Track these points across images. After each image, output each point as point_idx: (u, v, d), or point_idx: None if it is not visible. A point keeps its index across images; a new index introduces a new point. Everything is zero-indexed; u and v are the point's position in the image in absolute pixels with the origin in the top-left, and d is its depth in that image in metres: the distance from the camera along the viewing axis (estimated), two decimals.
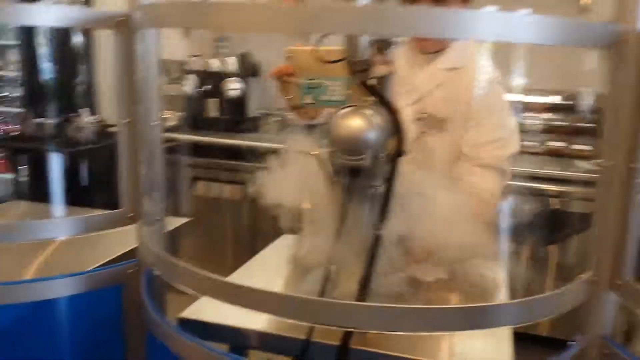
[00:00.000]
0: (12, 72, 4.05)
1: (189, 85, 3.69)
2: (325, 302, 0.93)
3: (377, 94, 1.07)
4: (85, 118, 3.64)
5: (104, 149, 3.57)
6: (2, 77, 4.04)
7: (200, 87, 3.68)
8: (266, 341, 1.04)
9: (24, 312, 1.08)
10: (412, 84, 1.60)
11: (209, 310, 1.11)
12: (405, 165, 1.52)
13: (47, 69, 3.82)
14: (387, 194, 1.01)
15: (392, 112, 1.05)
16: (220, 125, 3.66)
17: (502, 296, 1.31)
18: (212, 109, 3.74)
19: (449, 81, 1.59)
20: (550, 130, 3.25)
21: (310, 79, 1.23)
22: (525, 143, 3.27)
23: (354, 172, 0.98)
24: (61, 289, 1.11)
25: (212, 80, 3.65)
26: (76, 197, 3.22)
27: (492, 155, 1.53)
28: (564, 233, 2.79)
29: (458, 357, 1.03)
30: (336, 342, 0.96)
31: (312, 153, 1.06)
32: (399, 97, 1.56)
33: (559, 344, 0.91)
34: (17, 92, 3.99)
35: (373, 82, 1.07)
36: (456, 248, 1.32)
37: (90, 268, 1.18)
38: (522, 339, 1.22)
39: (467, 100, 1.55)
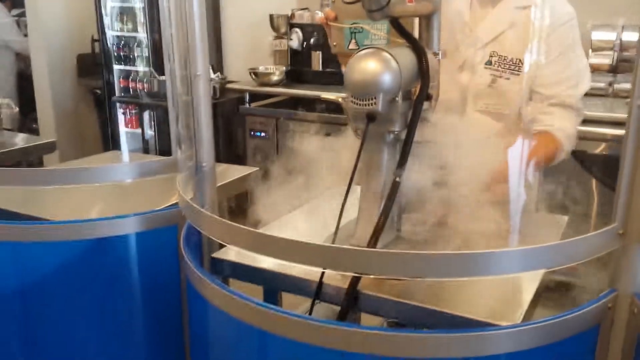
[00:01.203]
0: (140, 33, 4.40)
1: (295, 39, 3.76)
2: (335, 249, 0.95)
3: (403, 32, 1.04)
4: (210, 75, 3.85)
5: (225, 104, 3.80)
6: (132, 38, 4.41)
7: (306, 41, 3.74)
8: (291, 284, 1.09)
9: (89, 248, 1.23)
10: (483, 26, 1.51)
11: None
12: (475, 114, 1.50)
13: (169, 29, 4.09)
14: (408, 140, 0.99)
15: (418, 53, 1.02)
16: (325, 78, 3.70)
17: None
18: (317, 62, 3.79)
19: (522, 20, 1.48)
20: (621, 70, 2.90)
21: (353, 23, 1.21)
22: (594, 84, 3.02)
23: (370, 118, 0.97)
24: (123, 227, 1.25)
25: (318, 33, 3.68)
26: None
27: (567, 94, 1.49)
28: None
29: (474, 298, 1.00)
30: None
31: (337, 99, 1.06)
32: (463, 41, 1.51)
33: None
34: (145, 52, 4.33)
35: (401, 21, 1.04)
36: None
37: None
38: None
39: (541, 39, 1.46)
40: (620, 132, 2.45)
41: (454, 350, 0.84)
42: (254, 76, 3.78)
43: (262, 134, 3.56)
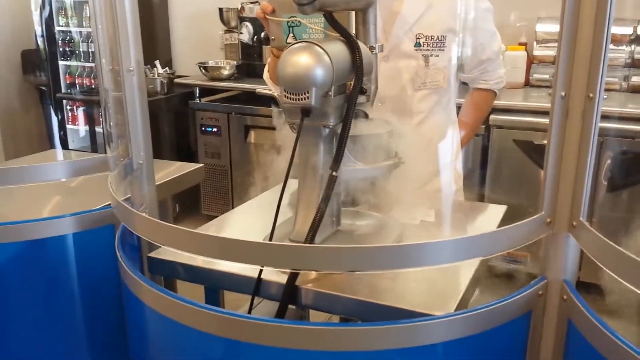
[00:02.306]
0: (87, 27, 4.27)
1: (246, 32, 3.72)
2: (270, 246, 0.95)
3: (336, 26, 1.04)
4: (157, 70, 3.78)
5: (174, 99, 3.72)
6: (77, 33, 4.27)
7: (257, 35, 3.70)
8: (231, 282, 1.08)
9: (24, 250, 1.19)
10: (404, 11, 1.56)
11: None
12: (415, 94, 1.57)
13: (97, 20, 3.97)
14: (344, 135, 0.99)
15: (351, 46, 1.02)
16: None
17: None
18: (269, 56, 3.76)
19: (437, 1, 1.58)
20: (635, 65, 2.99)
21: (291, 17, 1.20)
22: (541, 76, 3.13)
23: (304, 112, 0.96)
24: (59, 228, 1.21)
25: None
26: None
27: (494, 51, 1.69)
28: None
29: (411, 289, 1.01)
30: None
31: (263, 93, 1.05)
32: (390, 27, 1.54)
33: None
34: (91, 47, 4.21)
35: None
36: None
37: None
38: None
39: (457, 17, 1.62)
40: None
41: (390, 341, 0.84)
42: (203, 70, 3.73)
43: (214, 129, 3.52)
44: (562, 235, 0.87)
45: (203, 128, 3.54)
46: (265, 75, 1.54)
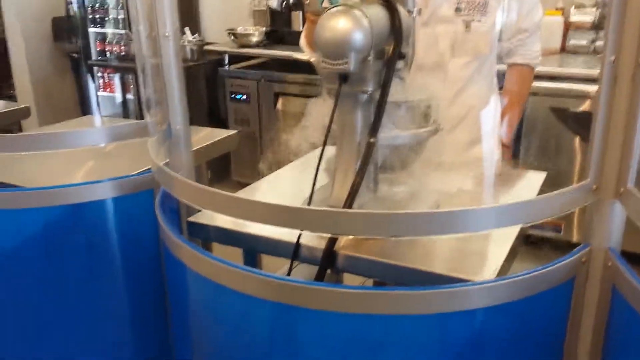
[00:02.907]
0: None
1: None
2: (310, 210, 0.95)
3: None
4: (187, 37, 3.78)
5: (204, 66, 3.73)
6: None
7: (286, 1, 3.66)
8: (270, 246, 1.09)
9: (64, 214, 1.21)
10: None
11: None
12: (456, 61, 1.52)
13: None
14: (382, 100, 0.97)
15: (390, 10, 1.00)
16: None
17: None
18: (298, 22, 3.72)
19: None
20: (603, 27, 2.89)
21: None
22: (577, 42, 3.03)
23: (342, 78, 0.95)
24: (99, 193, 1.23)
25: None
26: None
27: (534, 22, 1.63)
28: None
29: (449, 256, 1.01)
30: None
31: (309, 60, 1.04)
32: None
33: None
34: (121, 14, 4.22)
35: None
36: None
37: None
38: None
39: None
40: None
41: (429, 306, 0.84)
42: (232, 37, 3.71)
43: (243, 97, 3.52)
44: (609, 202, 0.85)
45: (232, 95, 3.55)
46: (302, 41, 1.52)
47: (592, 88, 2.54)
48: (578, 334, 0.94)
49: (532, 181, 1.36)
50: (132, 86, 4.11)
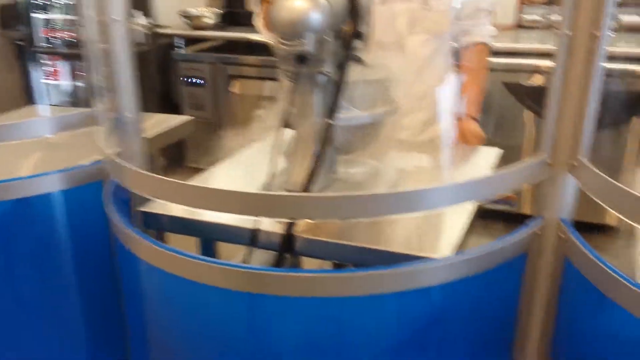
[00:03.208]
0: None
1: None
2: (266, 196, 0.93)
3: None
4: (137, 20, 3.66)
5: (156, 50, 3.62)
6: None
7: None
8: (226, 233, 1.07)
9: (12, 209, 1.16)
10: None
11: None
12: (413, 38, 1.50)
13: None
14: (340, 81, 0.96)
15: None
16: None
17: None
18: (253, 3, 3.65)
19: None
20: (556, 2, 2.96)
21: None
22: (529, 17, 3.08)
23: (300, 59, 0.93)
24: (46, 186, 1.18)
25: None
26: None
27: (489, 2, 1.63)
28: None
29: (407, 235, 1.01)
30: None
31: (265, 41, 1.01)
32: None
33: None
34: None
35: None
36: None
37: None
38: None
39: None
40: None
41: (389, 286, 0.84)
42: (185, 19, 3.61)
43: (197, 81, 3.44)
44: (562, 176, 0.86)
45: (186, 79, 3.46)
46: (257, 22, 1.48)
47: (545, 63, 2.58)
48: (531, 306, 0.96)
49: (487, 157, 1.38)
50: (80, 73, 3.97)
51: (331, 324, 0.87)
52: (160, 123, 1.57)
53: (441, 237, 1.00)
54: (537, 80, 2.64)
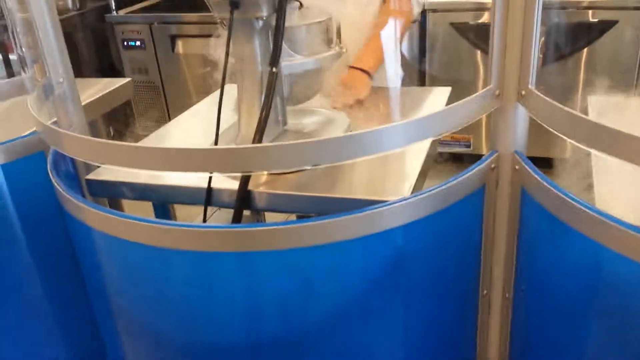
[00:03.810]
0: None
1: None
2: (217, 150, 0.90)
3: None
4: None
5: (88, 14, 3.44)
6: None
7: None
8: (179, 195, 1.04)
9: None
10: None
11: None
12: None
13: None
14: (279, 25, 0.92)
15: None
16: None
17: None
18: None
19: None
20: None
21: None
22: None
23: (233, 4, 0.88)
24: None
25: None
26: None
27: None
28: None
29: (364, 180, 1.01)
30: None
31: None
32: None
33: None
34: None
35: None
36: None
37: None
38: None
39: None
40: None
41: (350, 231, 0.84)
42: None
43: (137, 43, 3.30)
44: (511, 106, 0.86)
45: (125, 43, 3.31)
46: None
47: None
48: (494, 240, 0.98)
49: (438, 97, 1.37)
50: (11, 44, 3.75)
51: (300, 275, 0.86)
52: (98, 88, 1.49)
53: (399, 180, 1.00)
54: (485, 18, 2.64)
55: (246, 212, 1.03)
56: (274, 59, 0.92)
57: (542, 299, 0.92)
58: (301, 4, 1.03)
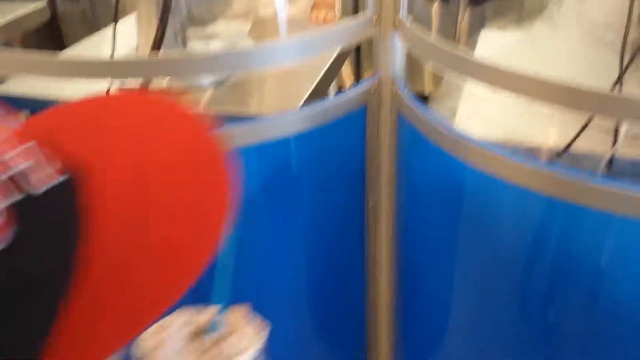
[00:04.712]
0: None
1: None
2: (113, 63, 0.93)
3: None
4: None
5: None
6: None
7: None
8: None
9: None
10: None
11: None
12: None
13: None
14: None
15: None
16: None
17: None
18: None
19: None
20: None
21: None
22: None
23: None
24: None
25: None
26: None
27: None
28: None
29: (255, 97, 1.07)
30: None
31: None
32: None
33: None
34: None
35: None
36: None
37: None
38: None
39: None
40: None
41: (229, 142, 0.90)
42: None
43: None
44: (389, 33, 0.94)
45: None
46: None
47: None
48: (379, 158, 1.06)
49: None
50: None
51: None
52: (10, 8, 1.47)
53: (290, 97, 1.07)
54: None
55: None
56: None
57: (416, 209, 1.03)
58: None
